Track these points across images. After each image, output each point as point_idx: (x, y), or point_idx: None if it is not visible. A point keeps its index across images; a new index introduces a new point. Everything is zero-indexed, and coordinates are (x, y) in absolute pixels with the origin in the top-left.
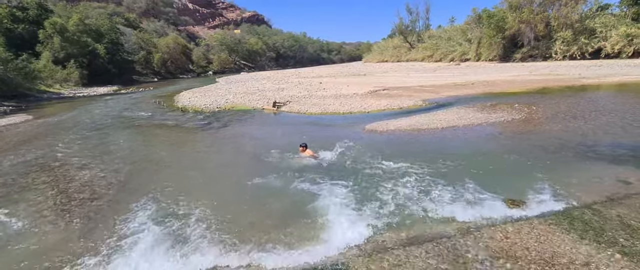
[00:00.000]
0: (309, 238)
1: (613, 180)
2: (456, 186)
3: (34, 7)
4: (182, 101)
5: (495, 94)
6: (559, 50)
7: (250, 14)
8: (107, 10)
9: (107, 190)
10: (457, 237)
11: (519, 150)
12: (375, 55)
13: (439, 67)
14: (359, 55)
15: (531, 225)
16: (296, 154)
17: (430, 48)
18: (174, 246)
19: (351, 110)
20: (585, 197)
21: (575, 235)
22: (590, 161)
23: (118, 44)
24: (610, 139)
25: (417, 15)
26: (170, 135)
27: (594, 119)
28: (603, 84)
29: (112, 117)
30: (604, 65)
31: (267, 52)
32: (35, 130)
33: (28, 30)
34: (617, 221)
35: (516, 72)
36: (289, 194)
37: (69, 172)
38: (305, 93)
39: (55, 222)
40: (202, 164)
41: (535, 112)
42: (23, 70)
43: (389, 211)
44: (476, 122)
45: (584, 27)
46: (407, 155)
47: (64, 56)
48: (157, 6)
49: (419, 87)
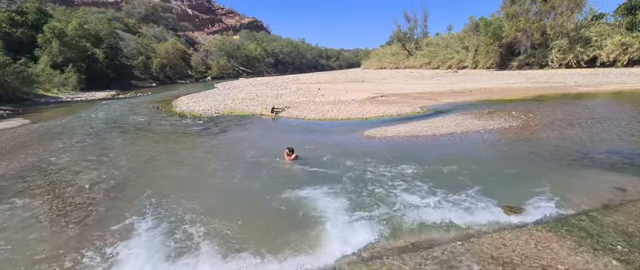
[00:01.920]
0: (305, 245)
1: (609, 187)
2: (453, 193)
3: (33, 12)
4: (180, 106)
5: (492, 101)
6: (555, 59)
7: (250, 20)
8: (107, 15)
9: (103, 196)
10: (455, 244)
11: (516, 157)
12: (374, 62)
13: (437, 74)
14: (357, 61)
15: (529, 232)
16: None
17: (428, 55)
18: (169, 254)
19: (349, 116)
20: (582, 204)
21: (573, 242)
22: (586, 168)
23: (117, 49)
24: (607, 146)
25: (415, 23)
26: (168, 140)
27: (590, 127)
28: (599, 92)
29: (109, 122)
30: (600, 74)
31: (265, 58)
32: (32, 135)
33: (27, 34)
34: (614, 228)
35: (513, 80)
36: (285, 201)
37: (65, 176)
38: (303, 99)
39: (51, 227)
40: (200, 170)
41: (532, 120)
42: (21, 74)
43: (386, 217)
44: (474, 129)
45: (579, 36)
46: (405, 162)
47: (62, 60)
48: (157, 12)
49: (417, 94)
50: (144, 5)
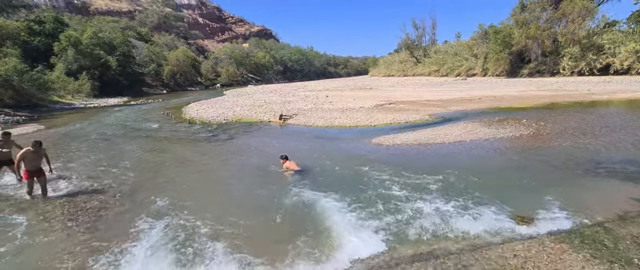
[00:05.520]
0: (314, 253)
1: (625, 198)
2: (463, 202)
3: (51, 21)
4: (190, 113)
5: (502, 109)
6: (567, 66)
7: (259, 28)
8: (120, 24)
9: (113, 201)
10: (465, 254)
11: (527, 166)
12: (382, 69)
13: (446, 82)
14: (365, 69)
15: (541, 243)
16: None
17: (436, 63)
18: (179, 259)
19: (357, 123)
20: (596, 215)
21: (587, 254)
22: (600, 178)
23: (129, 57)
24: (622, 156)
25: (423, 31)
26: (178, 146)
27: (604, 135)
28: (613, 100)
29: (121, 127)
30: (614, 82)
31: (274, 66)
32: (46, 140)
33: (44, 42)
34: (630, 240)
35: (524, 88)
36: (294, 208)
37: (78, 181)
38: (311, 106)
39: (62, 231)
40: (208, 176)
41: (544, 128)
42: (37, 81)
43: (395, 226)
44: (483, 137)
45: (591, 43)
46: (414, 169)
47: (76, 68)
48: (169, 20)
49: (426, 102)
50: (156, 14)
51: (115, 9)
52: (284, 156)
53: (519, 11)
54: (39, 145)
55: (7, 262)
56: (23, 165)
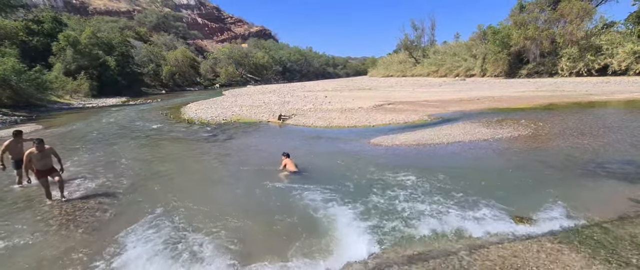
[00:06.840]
0: (311, 253)
1: (623, 198)
2: (462, 202)
3: (49, 21)
4: (188, 113)
5: (501, 110)
6: (565, 67)
7: (258, 28)
8: (119, 24)
9: (111, 201)
10: (464, 255)
11: (526, 166)
12: (381, 70)
13: (445, 82)
14: (364, 69)
15: (539, 243)
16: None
17: (435, 63)
18: (176, 259)
19: (356, 124)
20: (594, 216)
21: (586, 254)
22: (599, 179)
23: (128, 57)
24: (620, 156)
25: (422, 31)
26: (176, 146)
27: (602, 136)
28: (611, 101)
29: (119, 127)
30: (612, 82)
31: (273, 66)
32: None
33: (42, 42)
34: (629, 240)
35: (522, 88)
36: (292, 207)
37: (75, 181)
38: (310, 106)
39: (60, 232)
40: (207, 176)
41: (542, 128)
42: (35, 81)
43: (393, 226)
44: (482, 137)
45: (589, 44)
46: (413, 170)
47: (75, 68)
48: (168, 20)
49: (425, 102)
50: (155, 14)
51: (113, 9)
52: (285, 153)
53: (518, 12)
54: (40, 143)
55: (7, 262)
56: (32, 166)
